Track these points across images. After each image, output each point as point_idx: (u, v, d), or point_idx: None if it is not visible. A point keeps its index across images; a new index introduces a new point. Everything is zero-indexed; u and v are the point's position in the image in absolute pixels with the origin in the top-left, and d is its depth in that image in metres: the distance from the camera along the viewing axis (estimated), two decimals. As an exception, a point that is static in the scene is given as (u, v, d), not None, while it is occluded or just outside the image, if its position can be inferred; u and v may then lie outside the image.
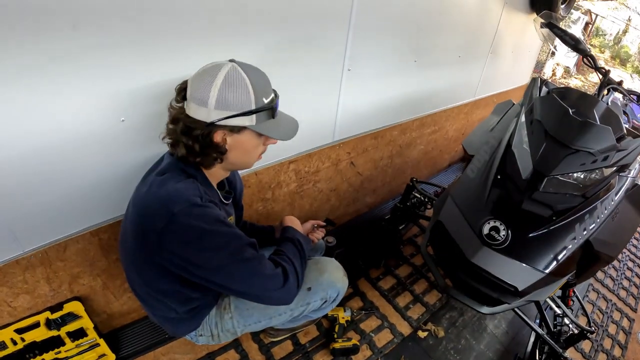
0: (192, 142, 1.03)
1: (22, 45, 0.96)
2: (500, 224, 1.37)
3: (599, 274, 2.76)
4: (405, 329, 2.03)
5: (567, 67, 9.54)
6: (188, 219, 0.98)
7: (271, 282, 1.10)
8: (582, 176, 1.37)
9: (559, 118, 1.42)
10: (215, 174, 1.19)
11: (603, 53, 12.96)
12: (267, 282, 1.09)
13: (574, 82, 9.84)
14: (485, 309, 1.47)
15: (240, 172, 1.56)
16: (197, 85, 1.00)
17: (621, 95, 1.75)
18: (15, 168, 1.12)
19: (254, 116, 1.03)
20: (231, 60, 1.04)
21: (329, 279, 1.39)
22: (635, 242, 3.31)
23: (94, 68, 1.10)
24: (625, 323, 2.44)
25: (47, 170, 1.18)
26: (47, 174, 1.19)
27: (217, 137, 1.04)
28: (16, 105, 1.03)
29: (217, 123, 1.01)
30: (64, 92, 1.09)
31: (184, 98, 1.03)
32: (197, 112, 1.00)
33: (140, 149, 1.34)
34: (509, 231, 1.36)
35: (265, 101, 1.05)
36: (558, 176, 1.34)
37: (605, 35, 13.79)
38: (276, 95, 1.11)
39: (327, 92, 1.87)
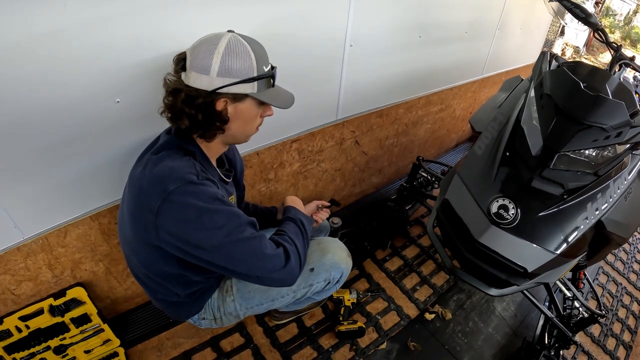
0: (195, 111, 1.01)
1: (3, 20, 0.92)
2: (509, 202, 1.32)
3: (610, 257, 2.72)
4: (412, 311, 2.02)
5: (577, 47, 9.31)
6: (183, 197, 0.96)
7: (272, 263, 1.07)
8: (594, 153, 1.32)
9: (570, 92, 1.36)
10: (214, 148, 1.17)
11: (613, 34, 12.61)
12: (267, 262, 1.06)
13: (584, 62, 9.61)
14: (493, 291, 1.45)
15: (241, 151, 1.54)
16: (197, 53, 0.98)
17: (633, 72, 1.69)
18: (11, 154, 1.10)
19: (255, 84, 1.03)
20: (229, 31, 1.03)
21: (332, 259, 1.37)
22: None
23: (84, 46, 1.07)
24: (635, 307, 2.41)
25: (43, 156, 1.16)
26: (43, 159, 1.17)
27: (219, 105, 1.02)
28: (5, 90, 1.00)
29: (220, 91, 0.99)
30: (53, 73, 1.05)
31: (183, 69, 1.01)
32: (198, 80, 0.99)
33: (136, 130, 1.32)
34: (518, 210, 1.31)
35: (266, 69, 1.05)
36: (569, 153, 1.29)
37: (615, 15, 13.40)
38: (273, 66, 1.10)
39: (329, 69, 1.82)
